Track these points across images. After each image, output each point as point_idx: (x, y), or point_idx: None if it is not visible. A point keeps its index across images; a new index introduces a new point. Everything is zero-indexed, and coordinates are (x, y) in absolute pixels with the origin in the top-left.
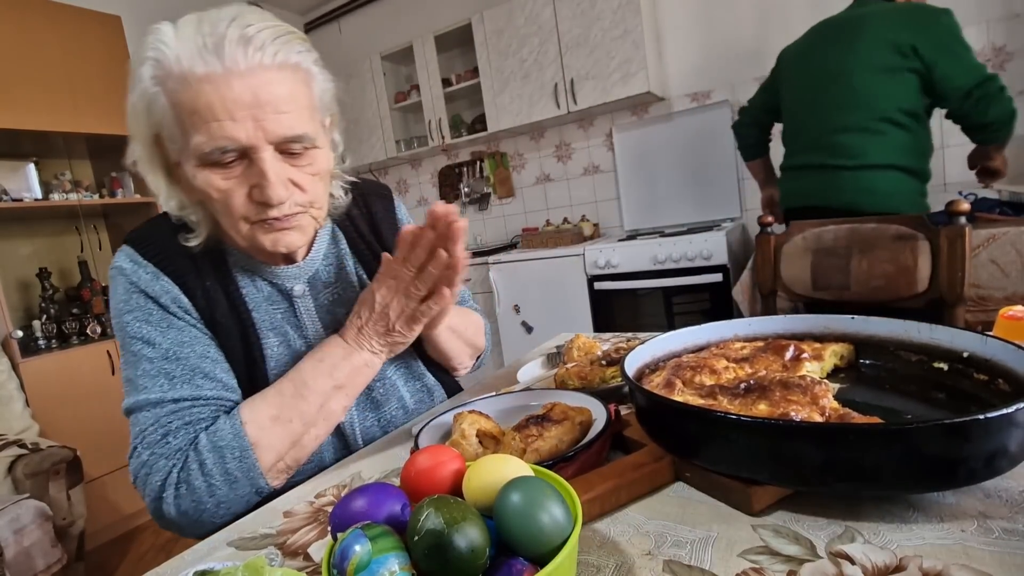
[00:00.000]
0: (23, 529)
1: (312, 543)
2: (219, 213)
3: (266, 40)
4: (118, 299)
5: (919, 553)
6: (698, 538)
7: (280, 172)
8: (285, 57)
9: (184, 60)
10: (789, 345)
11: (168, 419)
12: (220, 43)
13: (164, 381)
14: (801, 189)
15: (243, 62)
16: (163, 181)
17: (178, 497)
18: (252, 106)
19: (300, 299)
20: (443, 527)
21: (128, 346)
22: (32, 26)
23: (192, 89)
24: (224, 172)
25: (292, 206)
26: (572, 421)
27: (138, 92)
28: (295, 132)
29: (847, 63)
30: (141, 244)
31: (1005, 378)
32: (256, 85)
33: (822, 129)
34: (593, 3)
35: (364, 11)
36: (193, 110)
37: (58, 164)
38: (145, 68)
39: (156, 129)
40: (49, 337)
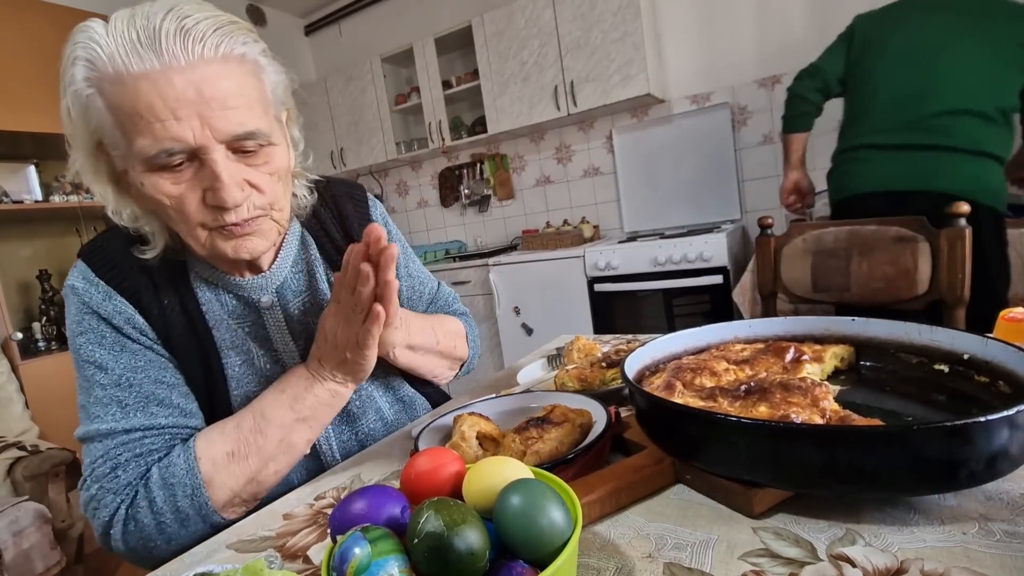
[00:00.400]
0: (22, 531)
1: (312, 545)
2: (173, 221)
3: (206, 31)
4: (71, 320)
5: (920, 556)
6: (699, 540)
7: (234, 173)
8: (229, 48)
9: (118, 58)
10: (789, 347)
11: (118, 451)
12: (156, 37)
13: (116, 409)
14: (883, 172)
15: (183, 56)
16: (111, 191)
17: (126, 534)
18: (196, 103)
19: (268, 311)
20: (443, 530)
21: (81, 370)
22: (33, 28)
23: (130, 89)
24: (173, 176)
25: (251, 209)
26: (572, 423)
27: (71, 95)
28: (246, 128)
29: (971, 42)
30: (94, 259)
31: (1006, 380)
32: (199, 80)
33: (925, 108)
34: (593, 5)
35: (364, 13)
36: (133, 112)
37: (58, 166)
38: (77, 69)
39: (96, 136)
40: (49, 339)
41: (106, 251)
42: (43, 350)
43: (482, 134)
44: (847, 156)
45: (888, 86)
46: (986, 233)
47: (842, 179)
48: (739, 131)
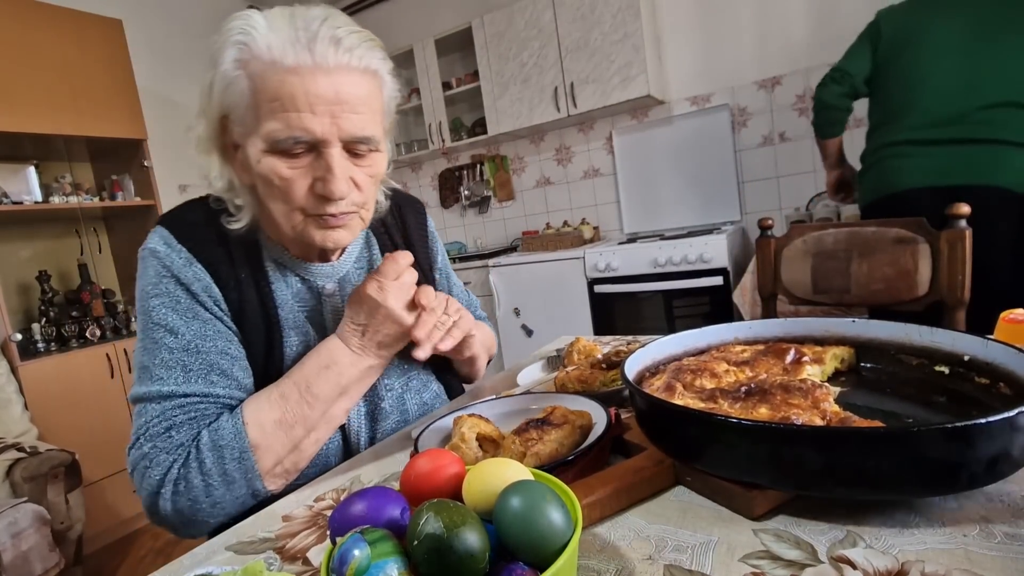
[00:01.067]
0: (21, 533)
1: (311, 547)
2: (273, 200)
3: (354, 44)
4: (147, 282)
5: (921, 558)
6: (699, 543)
7: (345, 169)
8: (368, 62)
9: (275, 49)
10: (790, 348)
11: (174, 413)
12: (313, 39)
13: (180, 374)
14: (934, 167)
15: (332, 60)
16: (217, 160)
17: (176, 494)
18: (332, 103)
19: (329, 298)
20: (443, 531)
21: (150, 332)
22: (34, 29)
23: (278, 77)
24: (291, 161)
25: (348, 204)
26: (572, 425)
27: (219, 73)
28: (365, 133)
29: (1013, 36)
30: (176, 227)
31: (1006, 382)
32: (339, 83)
33: (972, 101)
34: (593, 7)
35: (364, 15)
36: (275, 97)
37: (59, 167)
38: (230, 51)
39: (226, 111)
40: (48, 340)
41: (187, 221)
42: (42, 351)
43: (482, 135)
44: (888, 152)
45: (932, 80)
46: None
47: (883, 176)
48: (739, 132)
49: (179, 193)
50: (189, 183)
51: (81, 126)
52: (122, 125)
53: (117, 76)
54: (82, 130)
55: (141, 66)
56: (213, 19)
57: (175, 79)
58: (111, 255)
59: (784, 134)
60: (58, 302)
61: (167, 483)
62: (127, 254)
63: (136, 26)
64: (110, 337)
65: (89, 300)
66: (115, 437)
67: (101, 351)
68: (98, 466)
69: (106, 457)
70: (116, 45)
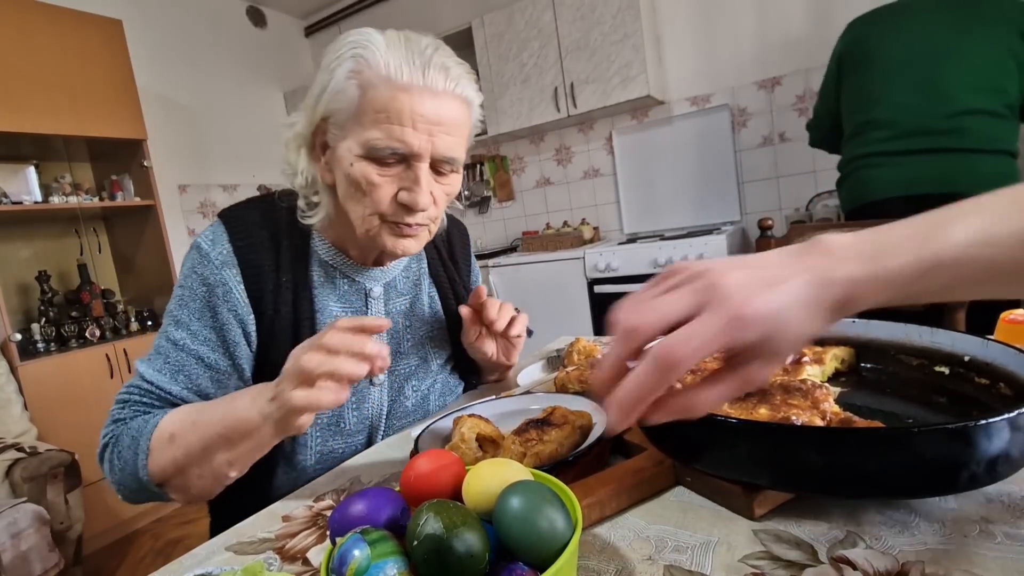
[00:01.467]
0: (20, 533)
1: (311, 548)
2: (355, 201)
3: (459, 75)
4: (182, 272)
5: (921, 558)
6: (699, 543)
7: (429, 183)
8: (467, 92)
9: (391, 67)
10: None
11: (137, 393)
12: (427, 65)
13: (160, 362)
14: (902, 177)
15: (440, 86)
16: (304, 156)
17: (110, 462)
18: (432, 122)
19: (375, 301)
20: (442, 532)
21: (166, 315)
22: (33, 29)
23: (390, 92)
24: (381, 169)
25: (423, 217)
26: (572, 425)
27: (333, 79)
28: (453, 154)
29: (972, 40)
30: (232, 225)
31: (1006, 382)
32: (440, 107)
33: (937, 111)
34: (593, 7)
35: (364, 15)
36: (382, 108)
37: (58, 167)
38: (347, 62)
39: (328, 114)
40: (48, 340)
41: (244, 221)
42: (42, 351)
43: (482, 135)
44: (859, 163)
45: (893, 93)
46: None
47: (856, 187)
48: (739, 133)
49: (179, 193)
50: (188, 183)
51: (81, 126)
52: (122, 125)
53: (117, 76)
54: (82, 130)
55: (141, 66)
56: (213, 20)
57: (175, 79)
58: (111, 255)
59: (784, 134)
60: (58, 302)
61: (105, 450)
62: (127, 254)
63: (136, 26)
64: (109, 337)
65: (89, 300)
66: None
67: (100, 351)
68: (97, 466)
69: None
70: (116, 45)
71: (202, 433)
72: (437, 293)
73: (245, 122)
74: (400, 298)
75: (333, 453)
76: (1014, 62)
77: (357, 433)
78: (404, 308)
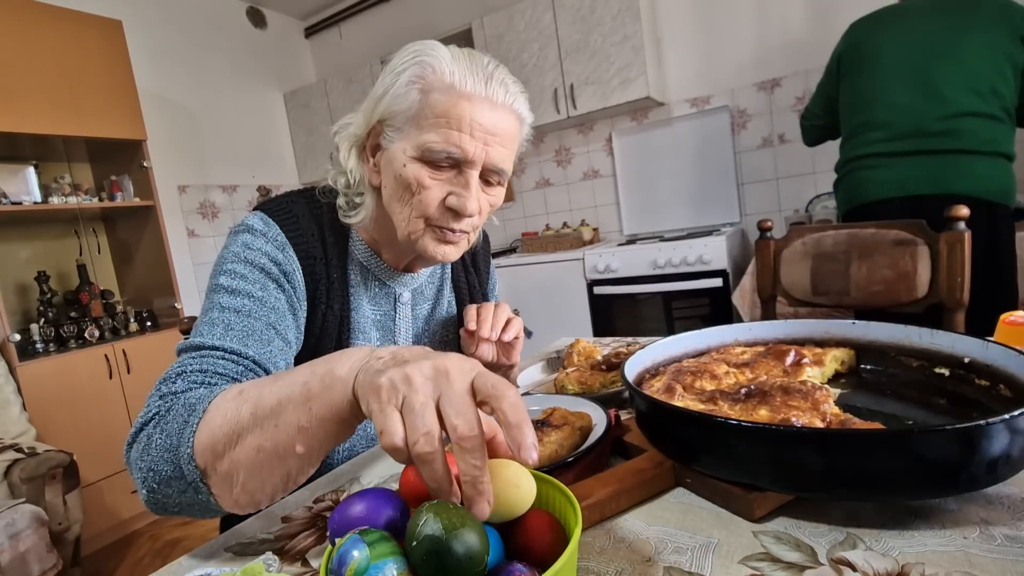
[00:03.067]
0: (19, 534)
1: (310, 548)
2: (402, 203)
3: (517, 92)
4: (231, 251)
5: (921, 560)
6: (699, 544)
7: (477, 189)
8: (521, 109)
9: (456, 75)
10: (790, 350)
11: (191, 362)
12: (490, 78)
13: (220, 330)
14: (897, 178)
15: (500, 98)
16: (355, 156)
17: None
18: (488, 132)
19: (403, 305)
20: (442, 533)
21: (211, 294)
22: (33, 29)
23: (452, 99)
24: (434, 172)
25: (467, 224)
26: (572, 426)
27: (396, 84)
28: (502, 166)
29: (969, 43)
30: (278, 215)
31: (1007, 383)
32: (498, 118)
33: (933, 113)
34: (593, 8)
35: (365, 16)
36: (443, 114)
37: (58, 167)
38: (412, 68)
39: (385, 116)
40: (47, 341)
41: (291, 213)
42: (41, 352)
43: None
44: (855, 165)
45: (889, 95)
46: (1003, 232)
47: (852, 188)
48: (738, 134)
49: (178, 194)
50: (188, 184)
51: (80, 127)
52: (121, 126)
53: (117, 77)
54: (81, 131)
55: (141, 67)
56: (213, 20)
57: (174, 80)
58: (110, 256)
59: (783, 136)
60: (57, 303)
61: (146, 426)
62: (126, 255)
63: (136, 27)
64: (109, 338)
65: (88, 301)
66: (114, 438)
67: (100, 352)
68: (96, 467)
69: (104, 458)
70: (116, 46)
71: (280, 386)
72: (455, 298)
73: (245, 123)
74: (424, 303)
75: (355, 455)
76: (1010, 66)
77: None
78: (426, 313)
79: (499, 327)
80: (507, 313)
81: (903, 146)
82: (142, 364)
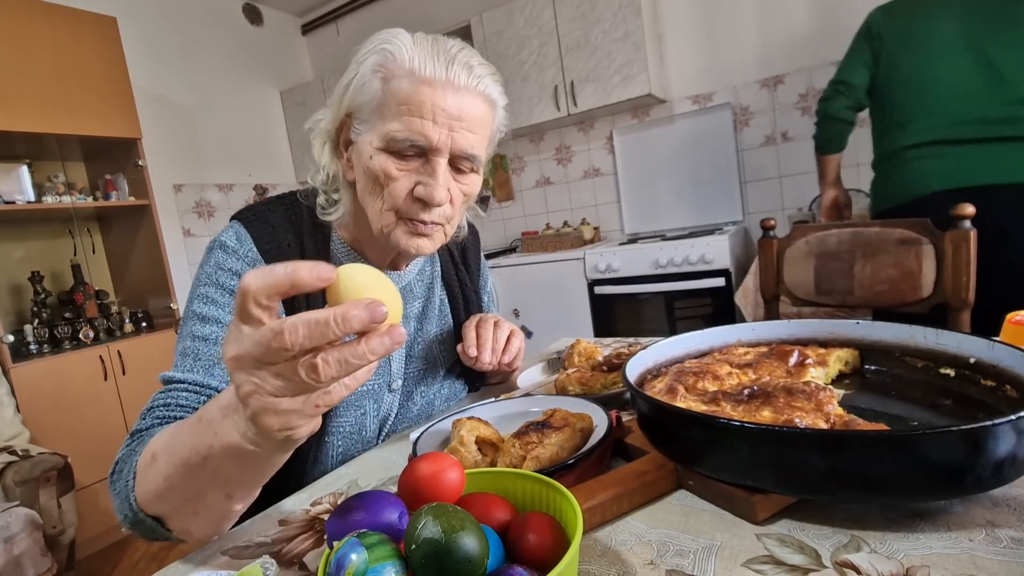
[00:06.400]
0: (13, 538)
1: (308, 552)
2: (373, 197)
3: (483, 73)
4: (204, 272)
5: (926, 563)
6: (701, 547)
7: (446, 179)
8: (490, 91)
9: (416, 61)
10: (793, 350)
11: (162, 398)
12: (451, 61)
13: (191, 361)
14: (961, 168)
15: (462, 81)
16: (328, 151)
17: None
18: (452, 117)
19: None
20: (441, 536)
21: (187, 320)
22: (27, 26)
23: (412, 85)
24: (400, 162)
25: (439, 215)
26: (573, 428)
27: (358, 75)
28: (473, 151)
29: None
30: (254, 226)
31: (1013, 384)
32: (462, 102)
33: (996, 99)
34: (593, 5)
35: (362, 12)
36: (405, 101)
37: (52, 166)
38: (373, 57)
39: (352, 109)
40: (41, 342)
41: (267, 223)
42: (35, 353)
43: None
44: (910, 155)
45: (945, 80)
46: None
47: (905, 180)
48: (741, 132)
49: (174, 193)
50: (184, 182)
51: (75, 125)
52: (116, 124)
53: (111, 75)
54: (75, 129)
55: (135, 65)
56: (208, 17)
57: (169, 78)
58: (105, 255)
59: (787, 133)
60: (51, 303)
61: (115, 469)
62: (121, 255)
63: (130, 24)
64: (103, 339)
65: (82, 301)
66: (108, 440)
67: (94, 353)
68: (91, 470)
69: (99, 461)
70: (110, 43)
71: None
72: (447, 297)
73: (241, 121)
74: (415, 302)
75: (350, 458)
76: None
77: (374, 439)
78: (417, 312)
79: (499, 349)
80: (507, 331)
81: (964, 133)
82: (137, 365)
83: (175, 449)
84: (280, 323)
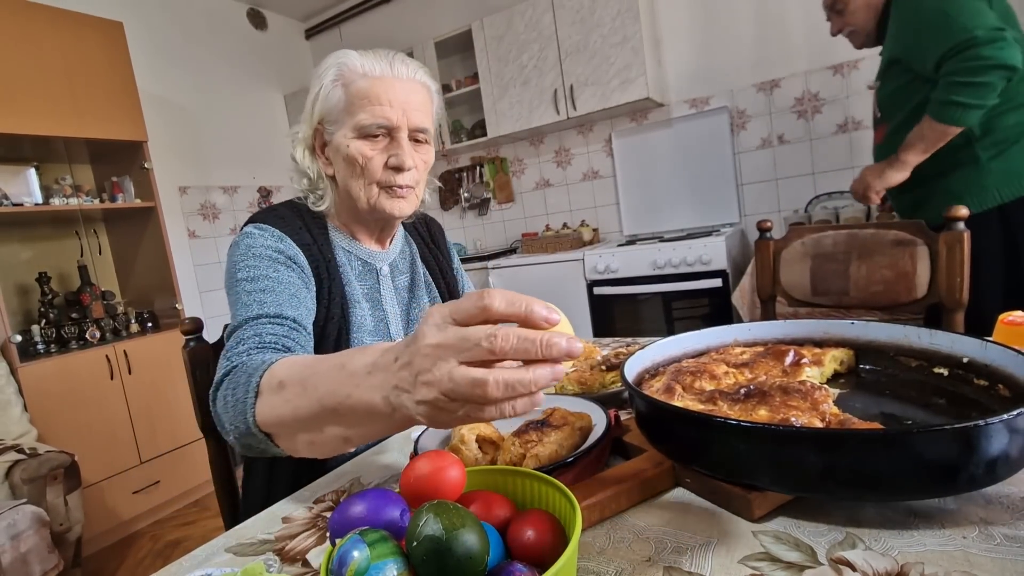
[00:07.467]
0: (20, 535)
1: (310, 549)
2: (355, 178)
3: (416, 68)
4: (236, 258)
5: (920, 560)
6: (698, 544)
7: (409, 148)
8: (424, 80)
9: (366, 65)
10: (789, 350)
11: (247, 332)
12: (392, 61)
13: (256, 306)
14: None
15: (404, 74)
16: (308, 155)
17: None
18: (403, 101)
19: (384, 278)
20: (442, 533)
21: (233, 291)
22: (34, 31)
23: (368, 82)
24: (372, 143)
25: (410, 178)
26: (572, 426)
27: (322, 89)
28: (423, 125)
29: None
30: (268, 219)
31: (1005, 383)
32: (408, 89)
33: None
34: (592, 10)
35: (364, 17)
36: (365, 96)
37: (59, 169)
38: (331, 71)
39: (322, 116)
40: (48, 342)
41: (278, 216)
42: (42, 353)
43: (482, 137)
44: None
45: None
46: None
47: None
48: (738, 135)
49: (179, 195)
50: (189, 185)
51: (81, 128)
52: (122, 127)
53: (117, 78)
54: (82, 132)
55: (141, 68)
56: (213, 22)
57: (175, 81)
58: (111, 257)
59: (783, 136)
60: (58, 304)
61: (223, 381)
62: (127, 256)
63: (137, 28)
64: (110, 339)
65: (89, 302)
66: (114, 438)
67: (101, 353)
68: (97, 468)
69: (106, 459)
70: (117, 47)
71: (311, 399)
72: (430, 274)
73: (245, 124)
74: (402, 275)
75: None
76: None
77: None
78: (407, 284)
79: None
80: None
81: None
82: (143, 365)
83: (309, 385)
84: (495, 328)
